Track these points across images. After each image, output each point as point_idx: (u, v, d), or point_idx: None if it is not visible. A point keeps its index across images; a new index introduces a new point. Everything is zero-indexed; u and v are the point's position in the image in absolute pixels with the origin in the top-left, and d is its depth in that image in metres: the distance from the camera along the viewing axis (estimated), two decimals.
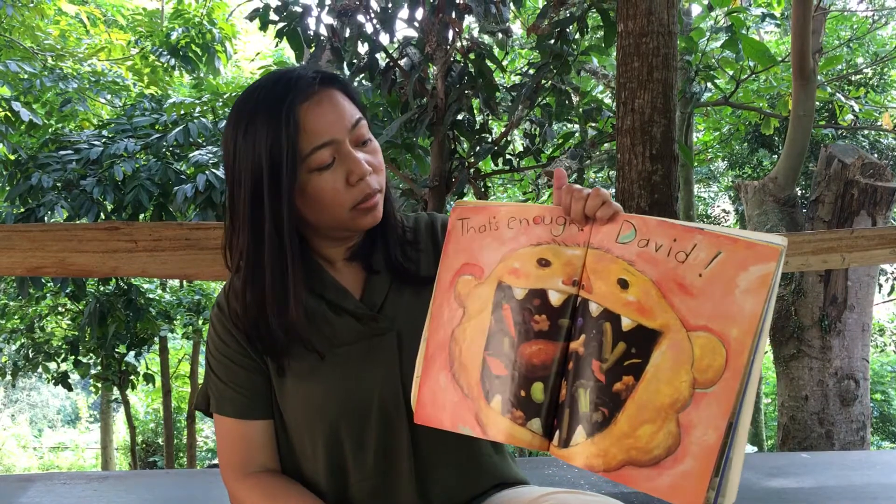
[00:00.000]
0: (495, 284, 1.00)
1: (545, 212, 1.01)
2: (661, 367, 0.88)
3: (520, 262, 0.99)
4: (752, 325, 0.86)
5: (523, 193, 8.76)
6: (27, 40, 7.13)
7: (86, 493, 2.56)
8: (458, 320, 1.01)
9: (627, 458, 0.87)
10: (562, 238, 0.98)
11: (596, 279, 0.94)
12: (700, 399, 0.86)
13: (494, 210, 1.04)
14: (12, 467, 15.94)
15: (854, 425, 6.15)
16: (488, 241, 1.02)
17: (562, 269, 0.96)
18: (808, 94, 6.23)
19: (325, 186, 1.05)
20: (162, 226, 2.16)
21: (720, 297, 0.88)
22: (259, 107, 1.05)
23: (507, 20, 4.49)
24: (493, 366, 0.97)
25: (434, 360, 1.02)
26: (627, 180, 3.30)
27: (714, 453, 0.84)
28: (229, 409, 1.12)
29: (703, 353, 0.87)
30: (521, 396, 0.94)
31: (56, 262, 2.06)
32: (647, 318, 0.90)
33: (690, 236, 0.91)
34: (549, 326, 0.95)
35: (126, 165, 4.86)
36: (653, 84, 3.26)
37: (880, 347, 13.62)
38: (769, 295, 0.86)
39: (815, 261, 2.53)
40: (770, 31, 10.19)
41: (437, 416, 1.01)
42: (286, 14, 4.25)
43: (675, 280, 0.90)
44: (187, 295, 8.39)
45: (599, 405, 0.90)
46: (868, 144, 9.48)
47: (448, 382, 1.00)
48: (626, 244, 0.94)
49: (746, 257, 0.87)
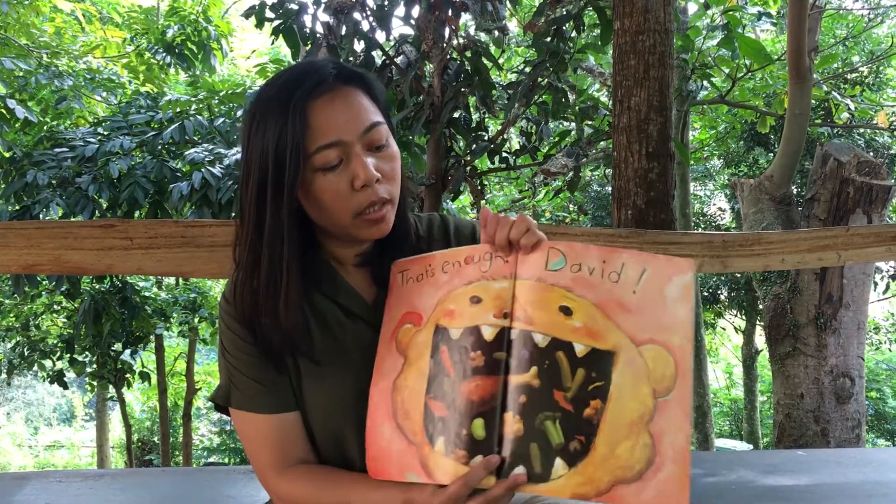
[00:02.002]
0: (433, 328, 1.00)
1: (474, 251, 1.02)
2: (623, 385, 0.91)
3: (454, 303, 0.99)
4: (688, 331, 0.93)
5: (519, 192, 8.76)
6: (22, 37, 7.10)
7: (81, 491, 2.55)
8: (398, 369, 1.01)
9: (614, 479, 0.90)
10: (489, 273, 0.99)
11: (535, 309, 0.95)
12: (663, 407, 0.91)
13: (430, 258, 1.05)
14: (8, 465, 15.90)
15: (849, 423, 6.17)
16: (426, 288, 1.03)
17: (492, 303, 0.97)
18: (804, 92, 6.23)
19: (328, 189, 1.02)
20: (157, 223, 2.15)
21: (656, 310, 0.94)
22: (272, 100, 1.02)
23: (504, 18, 4.48)
24: (434, 408, 0.96)
25: (378, 412, 1.02)
26: (624, 178, 3.30)
27: (686, 453, 0.90)
28: (261, 405, 1.07)
29: (655, 364, 0.92)
30: (463, 435, 0.93)
31: (51, 259, 2.05)
32: (599, 340, 0.93)
33: (617, 257, 0.96)
34: (485, 362, 0.94)
35: (122, 163, 4.84)
36: (649, 82, 3.26)
37: (876, 345, 13.64)
38: (692, 302, 0.94)
39: (811, 259, 2.54)
40: (766, 30, 10.20)
41: (386, 467, 1.00)
42: (282, 12, 4.24)
43: (613, 300, 0.94)
44: (183, 293, 8.38)
45: (574, 434, 0.91)
46: (864, 143, 9.49)
47: (393, 432, 0.99)
48: (559, 271, 0.96)
49: (668, 270, 0.95)
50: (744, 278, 10.50)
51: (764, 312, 7.08)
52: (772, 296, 6.60)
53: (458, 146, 4.68)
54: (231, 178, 4.58)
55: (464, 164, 4.55)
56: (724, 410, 14.76)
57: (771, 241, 2.53)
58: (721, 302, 11.85)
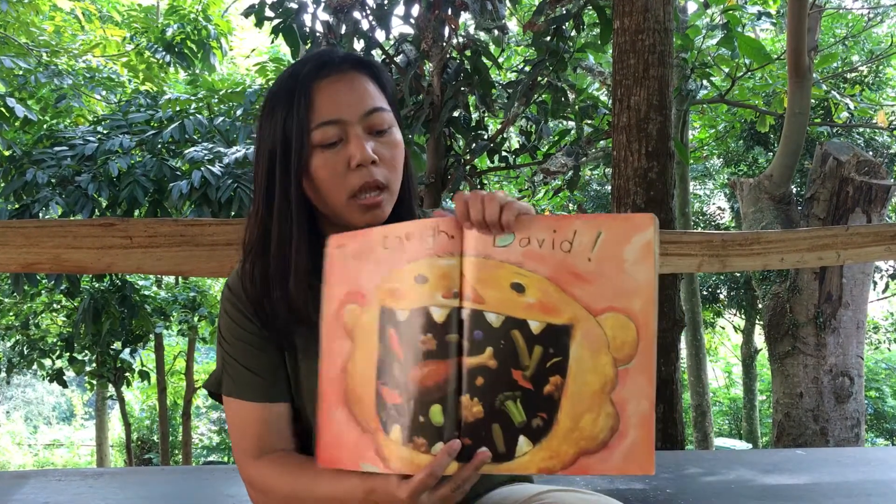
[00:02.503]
0: (378, 309, 0.96)
1: (415, 227, 0.96)
2: (582, 358, 0.89)
3: (398, 282, 0.95)
4: (650, 294, 0.90)
5: (519, 191, 8.76)
6: (22, 36, 7.10)
7: (81, 489, 2.55)
8: (347, 353, 0.97)
9: (578, 450, 0.89)
10: (433, 250, 0.93)
11: (485, 288, 0.91)
12: (625, 375, 0.89)
13: (368, 233, 0.99)
14: (7, 464, 15.91)
15: (849, 422, 6.17)
16: (366, 265, 0.98)
17: (439, 282, 0.92)
18: (804, 91, 6.24)
19: (325, 166, 1.05)
20: (157, 222, 2.15)
21: (614, 275, 0.90)
22: (282, 87, 1.07)
23: (503, 17, 4.49)
24: (386, 395, 0.93)
25: (329, 398, 0.98)
26: (623, 177, 3.30)
27: (651, 419, 0.88)
28: (249, 393, 1.10)
29: (614, 332, 0.89)
30: (421, 422, 0.90)
31: (51, 258, 2.05)
32: (554, 315, 0.90)
33: (568, 224, 0.92)
34: (437, 345, 0.91)
35: (121, 162, 4.85)
36: (649, 81, 3.27)
37: (875, 345, 13.67)
38: (655, 261, 0.90)
39: (811, 258, 2.54)
40: (766, 29, 10.20)
41: (339, 455, 0.97)
42: (282, 11, 4.24)
43: (567, 271, 0.91)
44: (182, 292, 8.37)
45: (536, 411, 0.89)
46: (863, 142, 9.50)
47: (346, 419, 0.96)
48: (507, 247, 0.92)
49: (626, 230, 0.91)
50: (743, 277, 10.50)
51: (763, 311, 7.08)
52: (771, 295, 6.60)
53: (457, 145, 4.69)
54: (231, 177, 4.58)
55: (463, 163, 4.55)
56: (723, 409, 14.77)
57: (770, 240, 2.54)
58: (720, 301, 11.86)
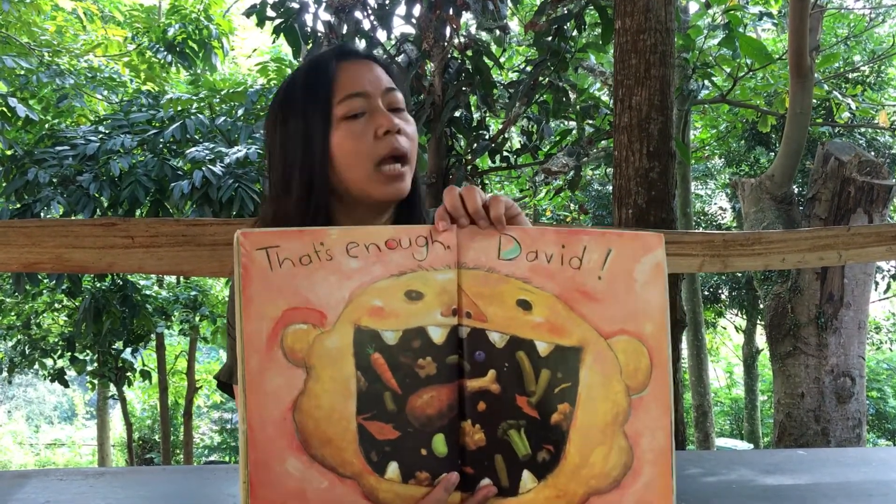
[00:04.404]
0: (351, 330, 0.82)
1: (400, 233, 0.84)
2: (593, 385, 0.82)
3: (381, 298, 0.82)
4: (662, 318, 0.84)
5: (520, 191, 8.76)
6: (23, 36, 7.10)
7: (82, 489, 2.55)
8: (297, 386, 0.81)
9: (589, 490, 0.82)
10: (427, 262, 0.83)
11: (488, 305, 0.83)
12: (638, 405, 0.83)
13: (317, 234, 0.83)
14: (8, 464, 15.92)
15: (850, 422, 6.17)
16: (322, 275, 0.82)
17: (436, 298, 0.82)
18: (805, 91, 6.23)
19: (351, 135, 1.06)
20: (158, 222, 2.15)
21: (624, 295, 0.84)
22: (301, 73, 1.11)
23: (505, 17, 4.49)
24: (376, 431, 0.81)
25: (271, 448, 0.80)
26: (625, 177, 3.30)
27: (668, 454, 0.82)
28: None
29: (627, 357, 0.83)
30: (423, 455, 0.81)
31: (52, 257, 2.05)
32: (563, 336, 0.83)
33: (577, 239, 0.85)
34: (437, 369, 0.82)
35: (123, 161, 4.85)
36: (650, 81, 3.26)
37: (876, 345, 13.65)
38: (665, 284, 0.85)
39: (812, 258, 2.54)
40: (767, 29, 10.19)
41: None
42: (283, 10, 4.24)
43: (577, 289, 0.84)
44: (184, 291, 8.37)
45: (542, 443, 0.82)
46: (865, 142, 9.49)
47: (307, 468, 0.80)
48: (513, 260, 0.84)
49: (636, 249, 0.85)
50: (744, 277, 10.50)
51: (764, 312, 7.08)
52: (772, 295, 6.60)
53: (459, 145, 4.69)
54: (232, 177, 4.58)
55: (465, 163, 4.55)
56: (724, 410, 14.76)
57: (772, 240, 2.54)
58: (722, 301, 11.85)
